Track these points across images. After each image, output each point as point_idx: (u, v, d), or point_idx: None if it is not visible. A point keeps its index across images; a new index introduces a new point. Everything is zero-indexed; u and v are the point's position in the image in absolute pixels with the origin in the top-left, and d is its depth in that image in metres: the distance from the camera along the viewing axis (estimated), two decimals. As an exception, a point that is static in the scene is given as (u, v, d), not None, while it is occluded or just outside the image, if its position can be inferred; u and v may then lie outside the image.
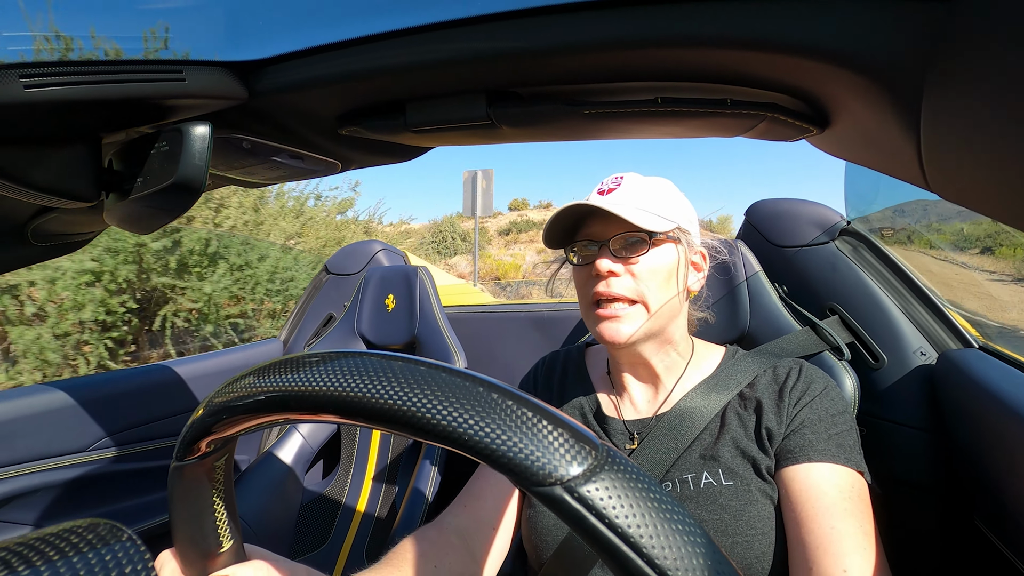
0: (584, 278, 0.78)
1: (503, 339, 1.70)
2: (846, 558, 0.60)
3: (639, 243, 0.75)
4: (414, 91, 0.55)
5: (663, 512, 0.22)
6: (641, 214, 0.74)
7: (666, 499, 0.23)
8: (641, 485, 0.22)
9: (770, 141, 0.58)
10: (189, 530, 0.37)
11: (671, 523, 0.22)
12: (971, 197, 0.39)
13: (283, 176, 0.78)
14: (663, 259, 0.76)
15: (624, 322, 0.74)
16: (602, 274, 0.74)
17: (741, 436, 0.73)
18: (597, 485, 0.22)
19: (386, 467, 1.53)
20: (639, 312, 0.75)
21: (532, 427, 0.23)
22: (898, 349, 0.97)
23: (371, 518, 1.47)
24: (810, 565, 0.62)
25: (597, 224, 0.77)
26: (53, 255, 0.78)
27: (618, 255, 0.75)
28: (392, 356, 0.27)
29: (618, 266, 0.75)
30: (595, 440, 0.24)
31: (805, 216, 1.13)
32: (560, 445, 0.23)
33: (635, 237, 0.75)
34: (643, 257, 0.75)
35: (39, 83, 0.43)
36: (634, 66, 0.46)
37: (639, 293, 0.75)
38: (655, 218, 0.75)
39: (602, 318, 0.75)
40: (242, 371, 0.31)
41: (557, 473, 0.22)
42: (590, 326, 0.79)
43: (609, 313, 0.75)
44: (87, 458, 1.19)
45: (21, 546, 0.24)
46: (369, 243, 1.87)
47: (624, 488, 0.22)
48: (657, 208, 0.76)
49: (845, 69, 0.38)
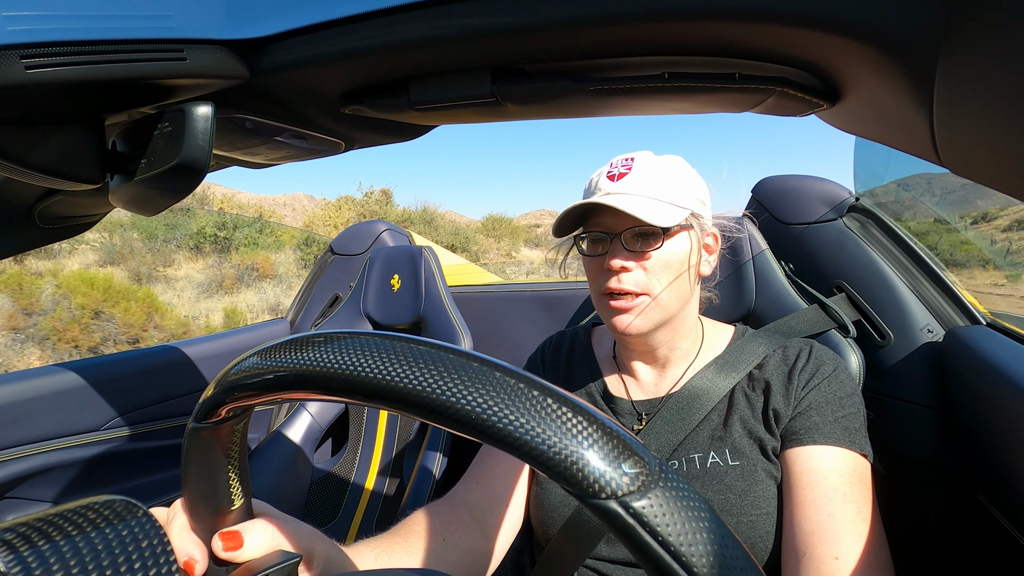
0: (596, 269, 0.77)
1: (509, 318, 1.70)
2: (839, 545, 0.60)
3: (652, 236, 0.74)
4: (417, 68, 0.54)
5: (711, 532, 0.22)
6: (654, 206, 0.72)
7: (715, 519, 0.23)
8: (693, 503, 0.23)
9: (779, 116, 0.57)
10: (201, 487, 0.38)
11: (718, 544, 0.22)
12: (984, 172, 0.38)
13: (287, 156, 0.78)
14: (675, 250, 0.75)
15: (636, 315, 0.74)
16: (614, 269, 0.73)
17: (749, 417, 0.73)
18: (652, 501, 0.22)
19: (394, 444, 1.55)
20: (647, 301, 0.74)
21: (588, 437, 0.23)
22: (905, 326, 0.97)
23: (380, 494, 1.50)
24: (804, 551, 0.62)
25: (609, 215, 0.75)
26: (60, 237, 0.78)
27: (631, 248, 0.74)
28: (450, 348, 0.27)
29: (630, 262, 0.73)
30: (648, 454, 0.24)
31: (813, 193, 1.12)
32: (615, 458, 0.23)
33: (648, 230, 0.73)
34: (656, 252, 0.74)
35: (41, 64, 0.42)
36: (641, 40, 0.45)
37: (651, 287, 0.74)
38: (669, 208, 0.73)
39: (615, 310, 0.75)
40: (280, 340, 0.30)
41: (612, 487, 0.22)
42: (603, 316, 0.78)
43: (621, 305, 0.74)
44: (102, 436, 1.22)
45: (41, 522, 0.25)
46: (374, 223, 1.87)
47: (677, 505, 0.22)
48: (670, 195, 0.74)
49: (857, 41, 0.37)
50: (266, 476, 1.46)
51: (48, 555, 0.23)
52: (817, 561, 0.60)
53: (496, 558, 0.77)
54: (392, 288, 1.62)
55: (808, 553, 0.61)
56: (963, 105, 0.34)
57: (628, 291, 0.73)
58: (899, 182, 1.21)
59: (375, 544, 0.62)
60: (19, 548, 0.23)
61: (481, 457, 0.84)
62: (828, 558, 0.60)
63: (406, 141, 0.77)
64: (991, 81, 0.31)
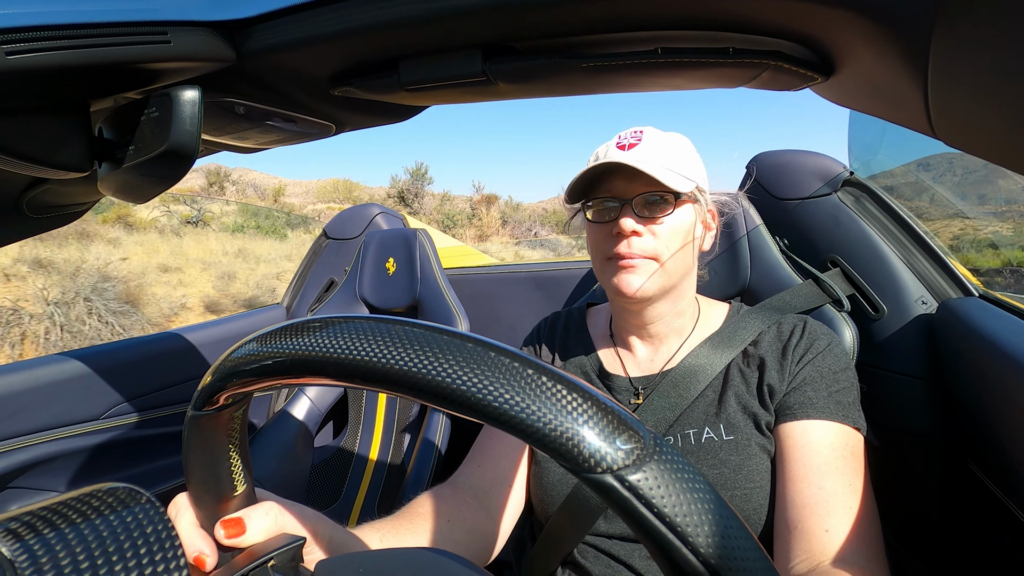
0: (603, 235, 0.77)
1: (505, 300, 1.70)
2: (830, 518, 0.61)
3: (662, 202, 0.74)
4: (407, 48, 0.53)
5: (707, 503, 0.23)
6: (667, 173, 0.72)
7: (710, 490, 0.23)
8: (688, 475, 0.23)
9: (773, 91, 0.57)
10: (203, 475, 0.38)
11: (713, 513, 0.23)
12: (978, 144, 0.38)
13: (277, 140, 0.77)
14: (683, 219, 0.75)
15: (639, 273, 0.74)
16: (625, 233, 0.73)
17: (743, 392, 0.74)
18: (647, 474, 0.23)
19: (394, 426, 1.56)
20: (655, 267, 0.74)
21: (583, 413, 0.23)
22: (899, 299, 0.97)
23: (381, 476, 1.51)
24: (795, 523, 0.63)
25: (619, 180, 0.75)
26: (49, 227, 0.77)
27: (641, 214, 0.74)
28: (444, 330, 0.27)
29: (641, 226, 0.74)
30: (643, 428, 0.24)
31: (808, 168, 1.11)
32: (610, 433, 0.23)
33: (658, 196, 0.74)
34: (667, 218, 0.74)
35: (20, 50, 0.42)
36: (633, 15, 0.45)
37: (660, 252, 0.74)
38: (679, 178, 0.73)
39: (621, 269, 0.74)
40: (276, 326, 0.30)
41: (607, 461, 0.23)
42: (604, 280, 0.78)
43: (626, 263, 0.74)
44: (103, 425, 1.22)
45: (46, 511, 0.25)
46: (367, 207, 1.85)
47: (672, 478, 0.23)
48: (679, 167, 0.75)
49: (851, 12, 0.37)
50: (267, 461, 1.47)
51: (53, 543, 0.24)
52: (808, 534, 0.61)
53: (502, 538, 0.78)
54: (387, 272, 1.61)
55: (799, 526, 0.63)
56: (957, 77, 0.34)
57: (637, 255, 0.74)
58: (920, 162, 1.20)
59: (380, 526, 0.63)
60: (24, 536, 0.23)
61: (482, 439, 0.85)
62: (819, 531, 0.61)
63: (397, 122, 0.76)
64: (985, 52, 0.30)
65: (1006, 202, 1.29)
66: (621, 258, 0.74)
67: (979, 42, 0.31)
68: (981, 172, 1.20)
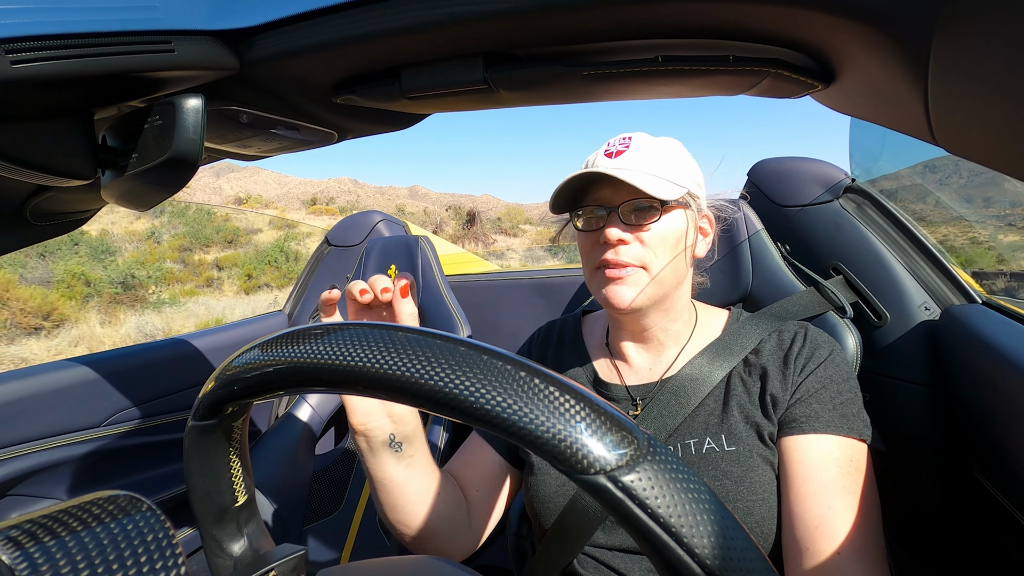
0: (591, 244, 0.77)
1: (506, 307, 1.70)
2: (840, 540, 0.62)
3: (649, 210, 0.73)
4: (409, 56, 0.53)
5: (702, 503, 0.23)
6: (652, 180, 0.72)
7: (705, 491, 0.23)
8: (683, 476, 0.23)
9: (773, 98, 0.57)
10: (204, 484, 0.38)
11: (709, 514, 0.22)
12: (979, 151, 0.38)
13: (279, 148, 0.77)
14: (672, 226, 0.75)
15: (629, 285, 0.73)
16: (611, 242, 0.73)
17: (746, 402, 0.73)
18: (641, 475, 0.22)
19: None
20: (644, 277, 0.74)
21: (576, 415, 0.23)
22: (901, 306, 0.97)
23: (382, 484, 1.51)
24: (806, 545, 0.63)
25: (606, 189, 0.75)
26: (53, 234, 0.78)
27: (628, 222, 0.73)
28: (435, 334, 0.27)
29: (627, 234, 0.73)
30: (636, 429, 0.24)
31: (809, 174, 1.11)
32: (604, 434, 0.23)
33: (645, 203, 0.73)
34: (654, 225, 0.73)
35: (25, 59, 0.42)
36: (634, 23, 0.45)
37: (646, 261, 0.73)
38: (666, 184, 0.73)
39: (608, 279, 0.74)
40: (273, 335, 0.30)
41: (601, 462, 0.22)
42: (594, 290, 0.78)
43: (615, 274, 0.73)
44: (103, 433, 1.22)
45: (46, 519, 0.25)
46: (369, 214, 1.86)
47: (666, 478, 0.23)
48: (668, 172, 0.74)
49: (851, 19, 0.37)
50: (268, 468, 1.46)
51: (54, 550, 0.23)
52: (820, 556, 0.62)
53: (476, 532, 0.82)
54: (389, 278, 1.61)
55: (811, 548, 0.63)
56: (958, 83, 0.34)
57: (624, 264, 0.73)
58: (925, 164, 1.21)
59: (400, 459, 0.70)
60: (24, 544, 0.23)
61: (470, 440, 0.88)
62: (830, 553, 0.61)
63: (399, 130, 0.77)
64: (985, 58, 0.30)
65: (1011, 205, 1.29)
66: (609, 266, 0.74)
67: (979, 49, 0.31)
68: (988, 175, 1.20)
